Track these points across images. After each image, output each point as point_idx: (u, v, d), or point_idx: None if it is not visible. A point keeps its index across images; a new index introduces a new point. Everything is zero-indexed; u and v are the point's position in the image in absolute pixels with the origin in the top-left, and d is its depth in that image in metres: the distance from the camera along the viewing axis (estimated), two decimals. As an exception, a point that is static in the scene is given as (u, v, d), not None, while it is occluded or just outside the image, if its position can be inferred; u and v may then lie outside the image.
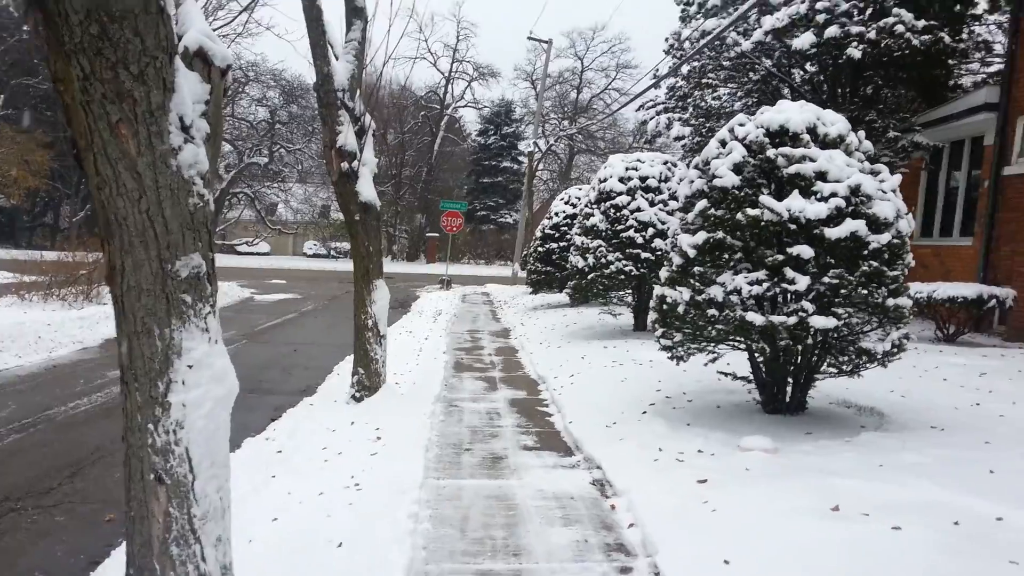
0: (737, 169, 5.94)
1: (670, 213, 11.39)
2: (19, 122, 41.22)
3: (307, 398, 8.29)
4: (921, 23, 11.68)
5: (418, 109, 52.12)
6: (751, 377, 6.65)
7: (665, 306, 6.23)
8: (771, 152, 5.82)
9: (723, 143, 6.26)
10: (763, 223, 5.58)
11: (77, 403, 8.12)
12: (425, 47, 52.30)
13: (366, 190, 7.68)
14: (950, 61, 13.66)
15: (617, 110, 20.89)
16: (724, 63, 14.21)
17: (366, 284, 7.77)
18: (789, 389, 6.48)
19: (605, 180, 11.70)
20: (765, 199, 5.64)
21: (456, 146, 58.23)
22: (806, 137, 5.85)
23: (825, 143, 5.93)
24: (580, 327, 13.30)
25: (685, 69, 16.19)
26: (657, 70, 16.45)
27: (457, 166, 57.73)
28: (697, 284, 5.97)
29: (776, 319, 5.51)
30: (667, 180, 11.56)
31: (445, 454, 6.05)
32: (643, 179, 11.50)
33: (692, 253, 6.03)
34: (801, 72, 13.33)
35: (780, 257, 5.57)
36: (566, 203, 17.98)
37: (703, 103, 14.51)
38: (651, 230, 11.20)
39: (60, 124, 16.26)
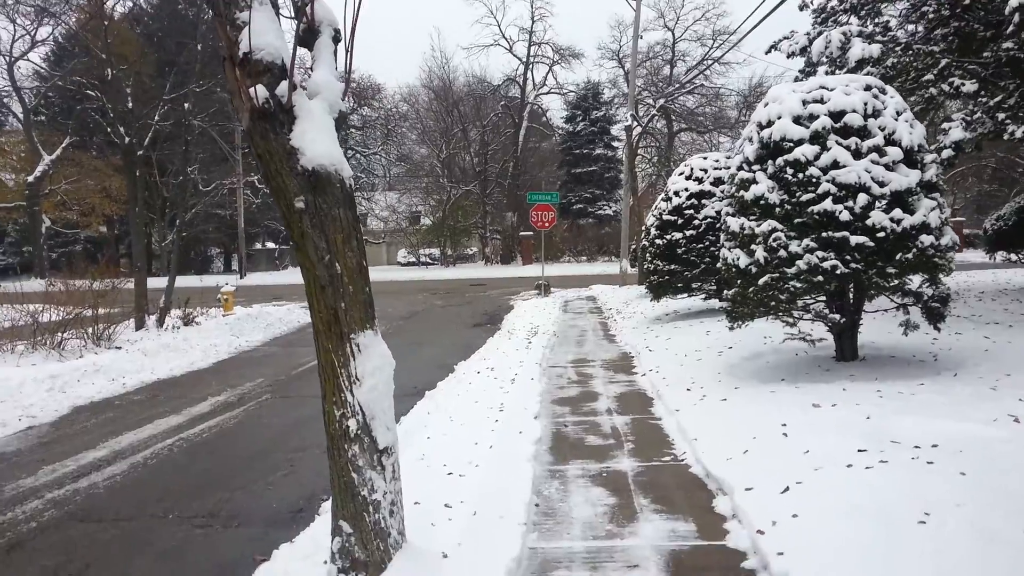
0: None
1: (890, 167, 6.90)
2: (89, 148, 39.94)
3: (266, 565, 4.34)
4: None
5: (497, 100, 48.22)
6: None
7: None
8: None
9: None
10: None
11: None
12: (498, 32, 48.09)
13: (316, 146, 3.70)
14: None
15: (738, 42, 16.37)
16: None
17: (338, 342, 3.75)
18: None
19: (770, 123, 7.30)
20: None
21: (543, 139, 54.08)
22: None
23: None
24: (741, 355, 8.90)
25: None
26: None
27: (546, 160, 53.53)
28: None
29: None
30: (877, 115, 7.06)
31: None
32: (836, 115, 7.05)
33: None
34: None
35: None
36: (688, 177, 13.54)
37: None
38: (862, 197, 6.74)
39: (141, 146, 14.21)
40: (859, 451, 4.76)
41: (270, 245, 55.86)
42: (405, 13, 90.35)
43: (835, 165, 6.87)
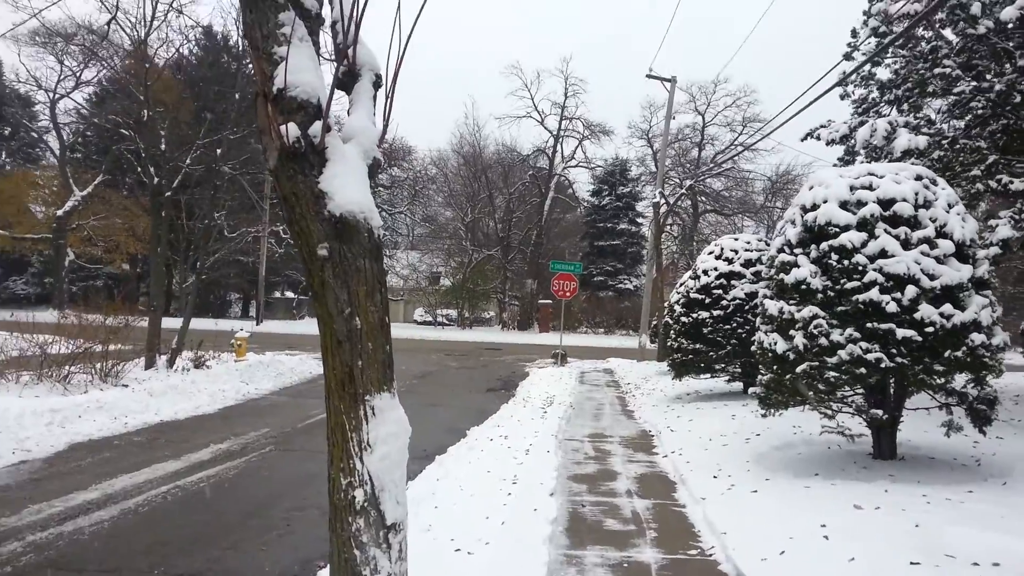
0: None
1: (941, 260, 6.60)
2: (120, 187, 40.51)
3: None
4: None
5: (525, 169, 48.68)
6: None
7: None
8: None
9: None
10: None
11: None
12: (531, 104, 48.83)
13: (346, 192, 3.45)
14: None
15: (772, 131, 16.33)
16: (968, 40, 9.36)
17: (351, 403, 3.43)
18: None
19: (815, 206, 7.05)
20: None
21: (568, 211, 54.39)
22: None
23: None
24: (770, 443, 8.44)
25: (885, 72, 11.45)
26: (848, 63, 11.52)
27: (569, 231, 53.71)
28: None
29: None
30: (928, 205, 6.80)
31: None
32: (885, 204, 6.80)
33: None
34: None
35: None
36: (719, 257, 13.29)
37: (941, 94, 9.58)
38: (911, 289, 6.42)
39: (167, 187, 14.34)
40: (911, 563, 4.33)
41: (289, 294, 55.98)
42: (440, 78, 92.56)
43: (883, 254, 6.58)
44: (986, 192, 8.96)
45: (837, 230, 6.82)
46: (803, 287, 6.88)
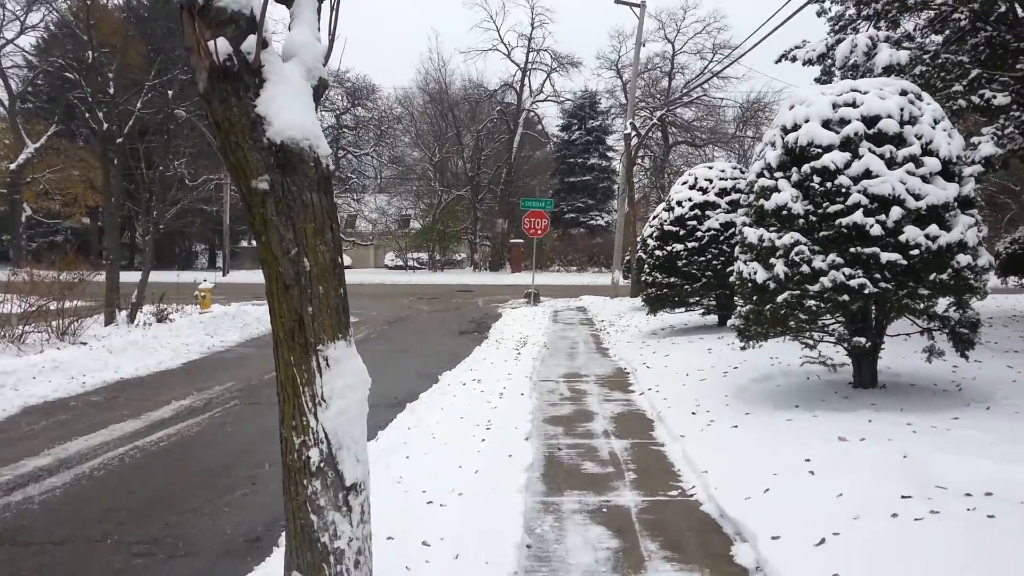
0: None
1: (927, 179, 6.32)
2: (76, 137, 38.99)
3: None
4: None
5: (493, 106, 47.58)
6: None
7: None
8: None
9: None
10: None
11: None
12: (497, 37, 47.35)
13: (287, 115, 3.07)
14: None
15: (742, 55, 15.70)
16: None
17: (302, 354, 3.10)
18: None
19: (796, 127, 6.69)
20: None
21: (538, 148, 53.52)
22: None
23: None
24: (749, 376, 8.25)
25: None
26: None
27: (539, 168, 52.92)
28: None
29: None
30: (913, 122, 6.47)
31: None
32: (870, 121, 6.46)
33: None
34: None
35: None
36: (692, 187, 12.93)
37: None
38: (896, 210, 6.13)
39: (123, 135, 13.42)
40: (903, 497, 4.13)
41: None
42: (402, 16, 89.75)
43: (867, 175, 6.27)
44: (968, 108, 8.67)
45: (819, 151, 6.48)
46: (784, 212, 6.57)
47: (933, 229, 6.15)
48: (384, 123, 49.34)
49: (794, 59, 12.45)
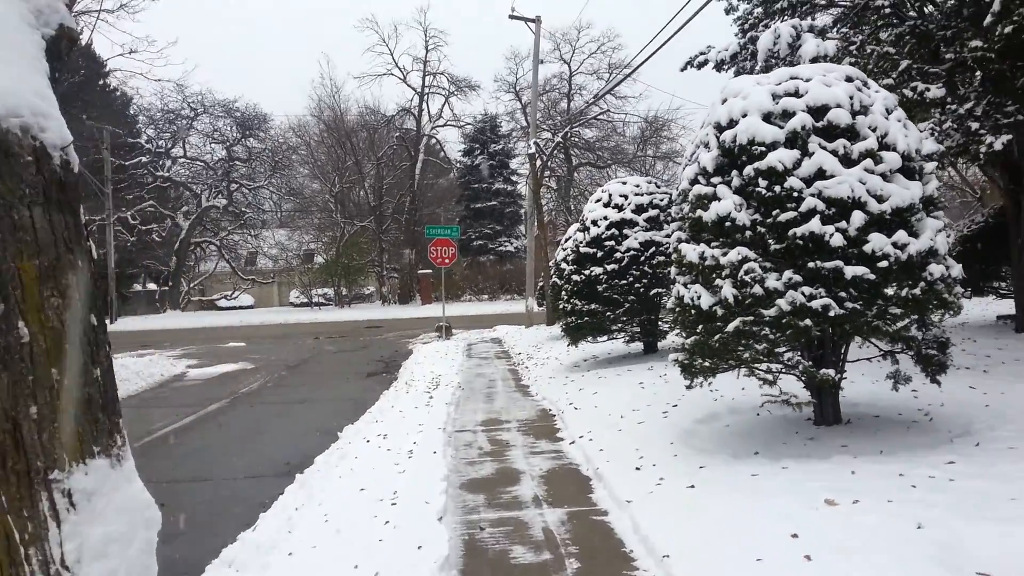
0: None
1: (887, 178, 5.42)
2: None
3: None
4: None
5: (392, 132, 46.17)
6: None
7: None
8: None
9: None
10: None
11: None
12: (392, 61, 45.99)
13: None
14: None
15: (648, 57, 15.15)
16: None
17: (21, 490, 1.71)
18: None
19: (732, 123, 5.72)
20: None
21: (441, 175, 52.33)
22: None
23: None
24: (692, 416, 7.15)
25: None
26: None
27: (444, 195, 51.69)
28: None
29: None
30: (865, 111, 5.60)
31: None
32: (817, 112, 5.55)
33: None
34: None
35: None
36: (607, 205, 11.98)
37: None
38: (857, 216, 5.20)
39: None
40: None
41: (152, 286, 51.52)
42: (291, 42, 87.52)
43: (821, 175, 5.32)
44: (903, 102, 8.02)
45: (763, 149, 5.50)
46: (727, 224, 5.55)
47: (901, 236, 5.24)
48: (278, 153, 47.19)
49: (702, 65, 11.73)
